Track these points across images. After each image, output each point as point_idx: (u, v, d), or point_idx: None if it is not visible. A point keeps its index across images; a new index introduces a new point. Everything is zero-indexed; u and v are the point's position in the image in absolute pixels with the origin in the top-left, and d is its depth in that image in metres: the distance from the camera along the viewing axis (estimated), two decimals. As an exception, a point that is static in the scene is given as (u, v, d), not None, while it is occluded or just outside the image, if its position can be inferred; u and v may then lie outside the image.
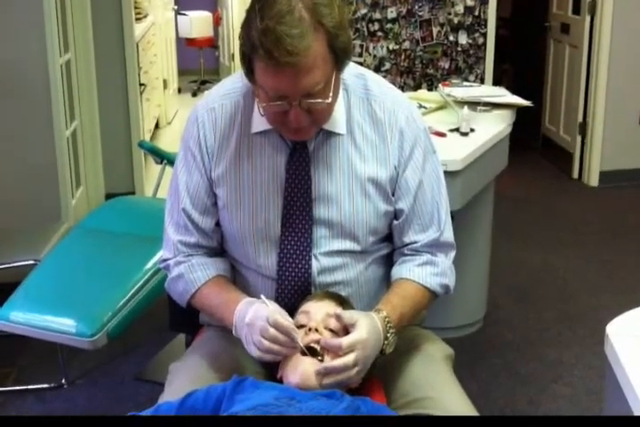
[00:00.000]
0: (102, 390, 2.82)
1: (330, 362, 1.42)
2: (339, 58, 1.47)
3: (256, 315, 1.47)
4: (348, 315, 1.47)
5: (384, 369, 1.62)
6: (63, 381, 2.84)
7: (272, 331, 1.42)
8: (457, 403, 1.52)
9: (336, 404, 1.36)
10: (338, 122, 1.59)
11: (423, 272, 1.64)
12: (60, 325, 2.29)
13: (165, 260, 1.71)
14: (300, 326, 1.50)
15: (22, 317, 2.34)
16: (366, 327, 1.45)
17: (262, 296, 1.52)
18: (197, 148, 1.64)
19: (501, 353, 3.11)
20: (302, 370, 1.44)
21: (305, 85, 1.42)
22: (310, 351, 1.45)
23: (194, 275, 1.65)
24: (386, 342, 1.51)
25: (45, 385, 2.83)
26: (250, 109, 1.61)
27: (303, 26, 1.38)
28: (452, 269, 1.71)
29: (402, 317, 1.57)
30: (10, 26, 3.38)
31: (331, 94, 1.47)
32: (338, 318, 1.47)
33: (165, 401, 1.46)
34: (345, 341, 1.42)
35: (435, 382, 1.56)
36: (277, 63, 1.38)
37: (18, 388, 2.82)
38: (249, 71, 1.47)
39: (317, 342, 1.46)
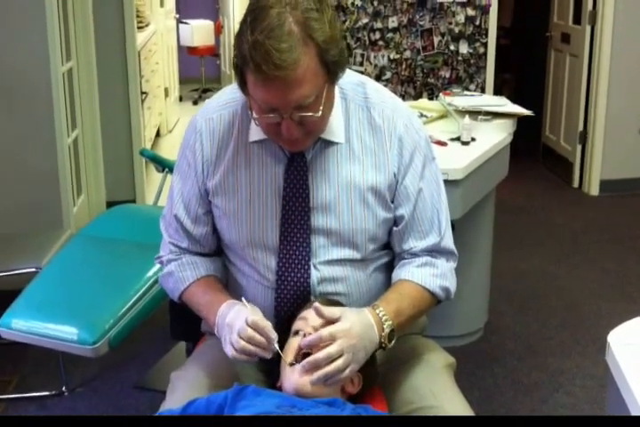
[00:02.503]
0: (103, 398, 2.81)
1: (312, 356, 1.41)
2: (330, 71, 1.46)
3: (236, 315, 1.49)
4: (330, 310, 1.47)
5: (385, 378, 1.63)
6: (64, 388, 2.84)
7: (249, 331, 1.44)
8: (459, 412, 1.52)
9: (337, 412, 1.36)
10: (336, 131, 1.60)
11: (422, 273, 1.64)
12: (62, 332, 2.29)
13: (160, 257, 1.75)
14: (297, 332, 1.51)
15: (24, 324, 2.34)
16: (350, 318, 1.46)
17: (243, 299, 1.54)
18: (193, 157, 1.65)
19: (502, 362, 3.10)
20: (294, 380, 1.44)
21: (294, 99, 1.42)
22: (305, 358, 1.44)
23: (183, 273, 1.68)
24: (382, 334, 1.50)
25: (46, 393, 2.82)
26: (247, 119, 1.61)
27: (292, 40, 1.38)
28: (453, 272, 1.70)
29: (399, 311, 1.55)
30: (12, 34, 3.39)
31: (321, 108, 1.47)
32: (318, 311, 1.46)
33: (167, 409, 1.47)
34: (324, 331, 1.42)
35: (436, 390, 1.56)
36: (266, 77, 1.39)
37: (19, 395, 2.81)
38: (242, 83, 1.48)
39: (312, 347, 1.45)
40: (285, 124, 1.46)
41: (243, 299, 1.54)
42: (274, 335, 1.46)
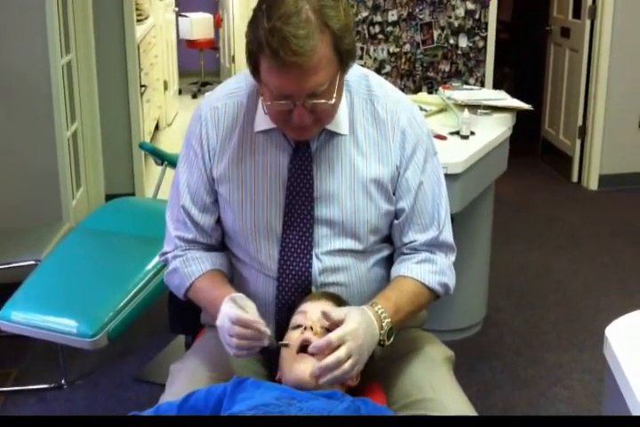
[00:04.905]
0: (102, 391, 2.82)
1: (322, 361, 1.41)
2: (343, 59, 1.48)
3: (222, 317, 1.48)
4: (337, 312, 1.48)
5: (384, 370, 1.63)
6: (63, 381, 2.85)
7: (237, 328, 1.44)
8: (457, 405, 1.53)
9: (336, 404, 1.37)
10: (341, 122, 1.61)
11: (421, 270, 1.65)
12: (61, 325, 2.29)
13: (164, 253, 1.74)
14: (297, 326, 1.51)
15: (23, 317, 2.35)
16: (356, 318, 1.46)
17: (235, 296, 1.51)
18: (199, 145, 1.65)
19: (501, 356, 3.11)
20: (298, 369, 1.45)
21: (309, 86, 1.44)
22: (306, 350, 1.45)
23: (188, 269, 1.67)
24: (381, 332, 1.51)
25: (45, 386, 2.83)
26: (253, 109, 1.62)
27: (309, 27, 1.40)
28: (452, 268, 1.71)
29: (397, 308, 1.56)
30: (11, 27, 3.39)
31: (334, 95, 1.49)
32: (326, 315, 1.47)
33: (166, 401, 1.47)
34: (333, 335, 1.42)
35: (435, 383, 1.57)
36: (283, 63, 1.40)
37: (18, 388, 2.82)
38: (255, 69, 1.49)
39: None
40: (297, 112, 1.47)
41: (234, 296, 1.51)
42: (261, 325, 1.43)
